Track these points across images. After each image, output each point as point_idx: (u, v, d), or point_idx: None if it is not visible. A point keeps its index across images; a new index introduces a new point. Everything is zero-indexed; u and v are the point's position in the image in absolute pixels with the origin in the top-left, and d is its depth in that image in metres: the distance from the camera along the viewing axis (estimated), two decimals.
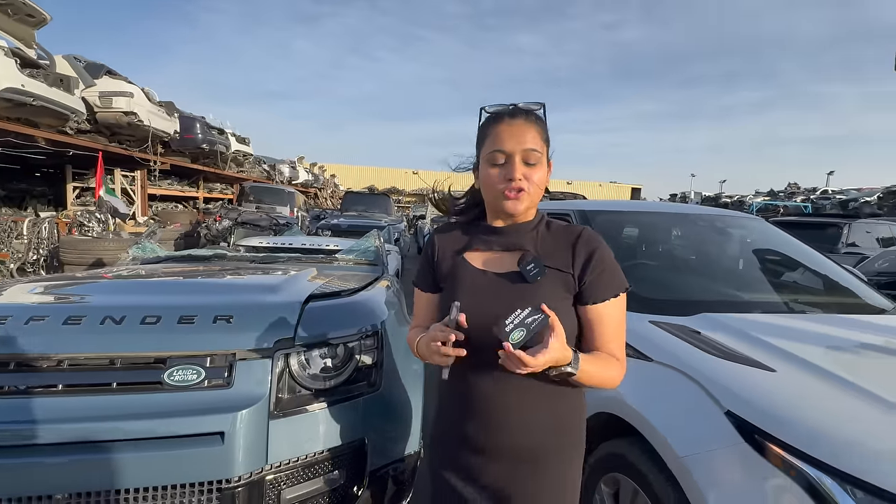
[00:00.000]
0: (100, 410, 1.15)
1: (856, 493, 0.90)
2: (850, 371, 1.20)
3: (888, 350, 1.47)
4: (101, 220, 5.58)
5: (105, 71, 7.68)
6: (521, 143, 0.87)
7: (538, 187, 0.90)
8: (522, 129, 0.88)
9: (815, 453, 0.95)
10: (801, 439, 0.98)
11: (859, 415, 1.04)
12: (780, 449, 1.00)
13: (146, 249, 2.63)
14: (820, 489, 0.93)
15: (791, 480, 0.97)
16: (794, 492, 0.96)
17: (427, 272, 1.01)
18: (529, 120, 0.90)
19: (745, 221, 2.53)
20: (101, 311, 1.31)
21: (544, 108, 0.94)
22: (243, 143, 13.77)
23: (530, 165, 0.88)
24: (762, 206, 15.88)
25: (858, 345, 1.49)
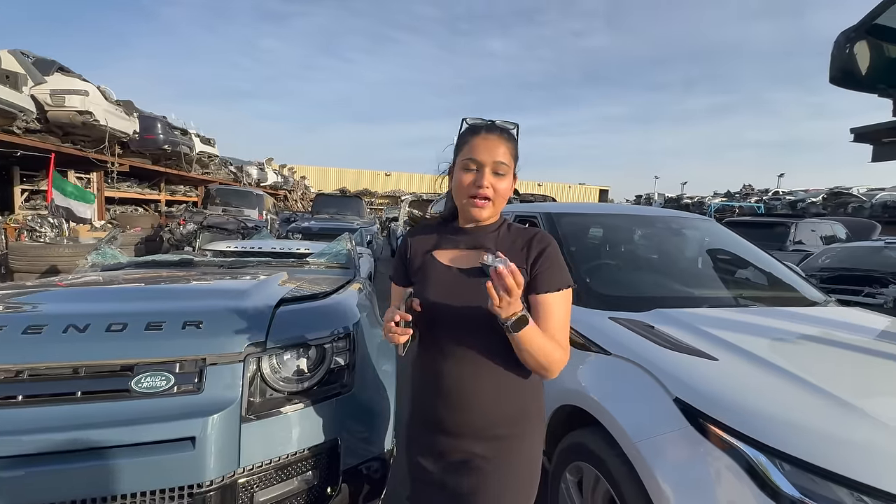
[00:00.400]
0: (64, 420, 1.13)
1: (784, 466, 1.01)
2: (785, 358, 1.33)
3: (818, 339, 1.62)
4: (54, 224, 5.27)
5: (56, 67, 7.28)
6: (493, 155, 0.98)
7: (502, 197, 1.02)
8: (496, 144, 0.99)
9: (750, 433, 1.06)
10: (737, 420, 1.09)
11: (789, 398, 1.15)
12: (720, 430, 1.10)
13: (106, 255, 2.54)
14: (754, 465, 1.03)
15: (730, 458, 1.07)
16: (733, 469, 1.06)
17: (400, 268, 1.13)
18: (503, 137, 1.01)
19: (697, 223, 2.70)
20: (63, 319, 1.28)
21: (517, 129, 1.07)
22: (208, 144, 13.33)
23: (499, 176, 1.00)
24: (720, 206, 16.75)
25: (793, 335, 1.64)
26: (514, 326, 0.88)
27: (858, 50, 3.11)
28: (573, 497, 1.54)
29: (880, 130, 2.92)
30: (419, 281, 1.06)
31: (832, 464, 0.96)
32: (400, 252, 1.16)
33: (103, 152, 8.03)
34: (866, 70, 3.10)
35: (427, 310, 1.01)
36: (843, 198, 15.39)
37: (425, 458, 1.06)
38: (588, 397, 1.47)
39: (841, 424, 1.05)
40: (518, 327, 0.88)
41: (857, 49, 3.11)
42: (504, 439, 1.01)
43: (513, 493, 1.02)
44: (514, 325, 0.88)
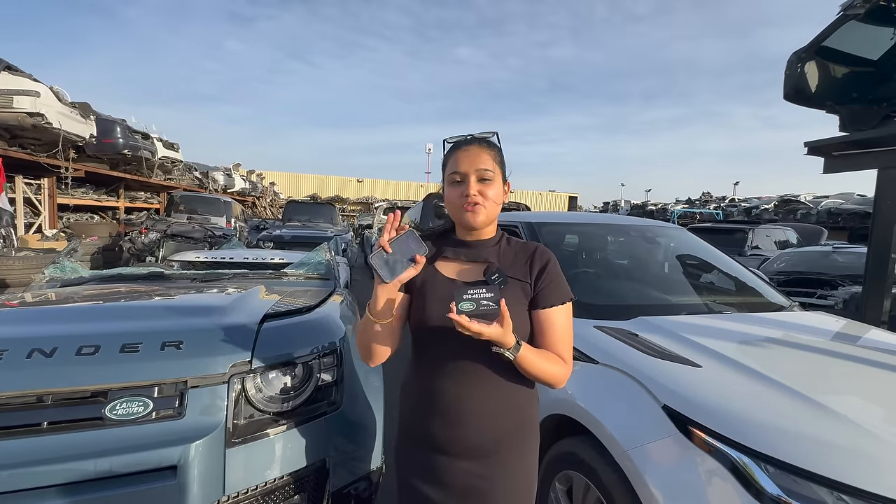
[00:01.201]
0: (29, 455, 1.04)
1: (768, 468, 1.05)
2: (762, 364, 1.40)
3: (790, 343, 1.72)
4: (2, 234, 4.88)
5: (3, 66, 6.79)
6: (474, 164, 1.00)
7: (494, 202, 1.02)
8: (476, 153, 1.01)
9: (735, 436, 1.10)
10: (723, 425, 1.13)
11: (770, 402, 1.21)
12: (707, 435, 1.14)
13: (66, 269, 2.37)
14: (740, 467, 1.07)
15: (717, 462, 1.11)
16: (720, 472, 1.09)
17: None
18: (482, 145, 1.03)
19: (669, 231, 2.81)
20: (26, 342, 1.18)
21: (497, 136, 1.08)
22: (171, 149, 12.77)
23: (485, 182, 1.01)
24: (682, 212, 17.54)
25: (767, 339, 1.72)
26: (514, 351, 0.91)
27: (808, 69, 3.35)
28: None
29: (831, 145, 3.15)
30: (420, 293, 1.04)
31: (812, 464, 1.01)
32: None
33: (56, 157, 7.54)
34: (815, 88, 3.35)
35: (427, 324, 1.00)
36: (793, 205, 16.45)
37: (419, 478, 1.03)
38: (577, 406, 1.48)
39: (819, 426, 1.11)
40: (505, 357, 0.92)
41: (808, 68, 3.35)
42: (502, 456, 1.00)
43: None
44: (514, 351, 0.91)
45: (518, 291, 1.01)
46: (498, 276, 0.99)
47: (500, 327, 0.87)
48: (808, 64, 3.36)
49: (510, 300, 0.97)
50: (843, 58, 3.26)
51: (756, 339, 1.70)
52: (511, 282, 1.01)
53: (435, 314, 0.99)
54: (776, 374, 1.31)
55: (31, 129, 6.91)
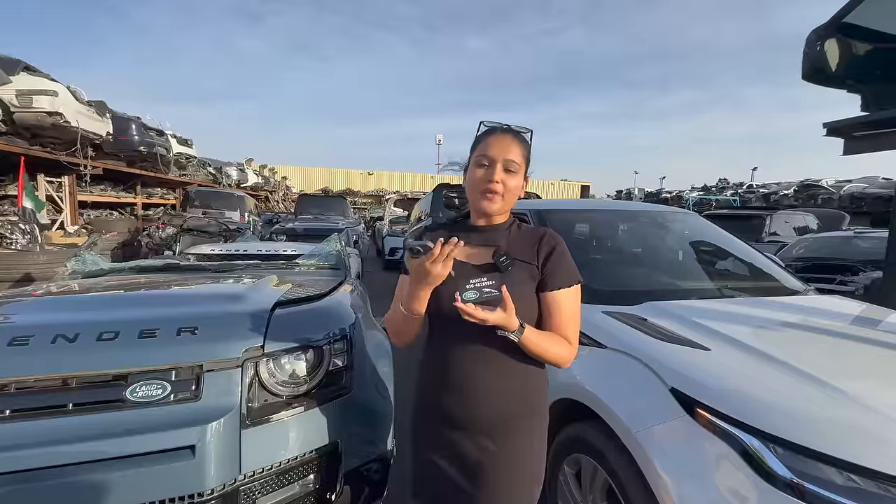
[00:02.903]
0: (56, 434, 1.09)
1: (777, 450, 1.05)
2: (773, 346, 1.38)
3: (802, 327, 1.69)
4: (26, 230, 5.05)
5: (22, 67, 6.95)
6: (504, 153, 1.03)
7: (512, 194, 1.06)
8: (508, 143, 1.05)
9: (744, 419, 1.10)
10: (731, 408, 1.13)
11: (779, 384, 1.20)
12: (716, 417, 1.14)
13: (87, 262, 2.45)
14: (749, 450, 1.07)
15: (726, 444, 1.10)
16: (729, 454, 1.09)
17: None
18: (516, 138, 1.07)
19: (681, 216, 2.77)
20: (50, 329, 1.23)
21: (531, 134, 1.12)
22: (185, 145, 12.98)
23: (510, 173, 1.04)
24: (698, 200, 17.17)
25: (779, 323, 1.70)
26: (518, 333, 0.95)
27: (829, 47, 3.23)
28: (571, 488, 1.57)
29: (852, 125, 3.05)
30: None
31: (822, 445, 1.01)
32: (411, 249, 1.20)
33: (75, 155, 7.72)
34: (836, 66, 3.23)
35: (440, 304, 1.03)
36: (814, 190, 15.97)
37: (435, 453, 1.08)
38: (585, 390, 1.49)
39: (829, 408, 1.10)
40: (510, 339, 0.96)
41: (828, 46, 3.24)
42: (511, 434, 1.04)
43: (521, 488, 1.05)
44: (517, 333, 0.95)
45: (525, 274, 1.04)
46: (506, 258, 1.03)
47: (503, 312, 0.91)
48: (829, 42, 3.24)
49: (517, 283, 1.01)
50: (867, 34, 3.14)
51: (768, 322, 1.68)
52: (519, 264, 1.04)
53: (448, 297, 1.02)
54: (787, 357, 1.29)
55: (51, 128, 7.08)
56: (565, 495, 1.59)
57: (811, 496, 0.97)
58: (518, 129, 1.10)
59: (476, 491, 1.02)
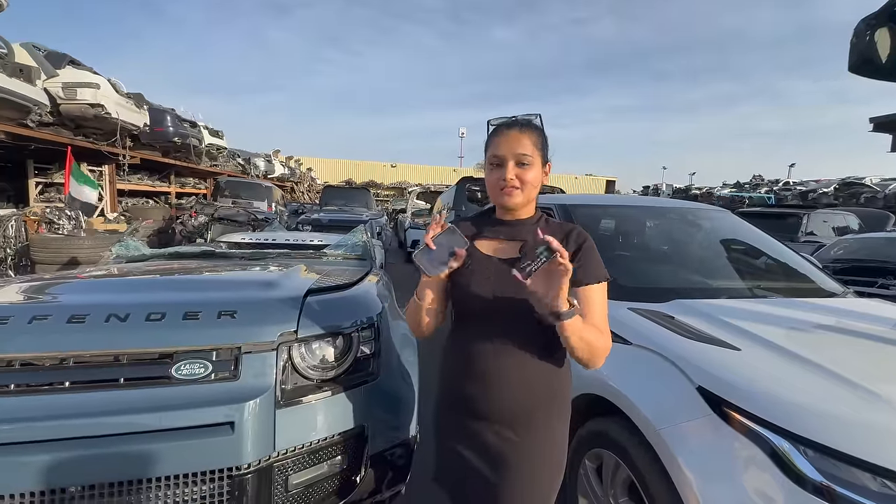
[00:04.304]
0: (109, 406, 1.18)
1: (808, 452, 1.03)
2: (807, 348, 1.35)
3: (838, 329, 1.64)
4: (72, 217, 5.36)
5: (68, 61, 7.30)
6: (513, 149, 1.03)
7: (531, 185, 1.05)
8: (516, 138, 1.04)
9: (774, 419, 1.08)
10: (761, 408, 1.11)
11: (812, 386, 1.17)
12: (744, 417, 1.13)
13: (129, 247, 2.59)
14: (779, 451, 1.06)
15: (754, 445, 1.09)
16: (757, 455, 1.08)
17: None
18: (523, 130, 1.05)
19: (712, 213, 2.70)
20: (104, 308, 1.33)
21: (540, 118, 1.10)
22: (217, 137, 13.35)
23: (523, 166, 1.03)
24: (730, 197, 16.55)
25: (814, 325, 1.65)
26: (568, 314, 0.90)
27: (879, 37, 3.05)
28: (592, 483, 1.58)
29: None
30: (459, 270, 1.09)
31: (855, 449, 0.99)
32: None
33: (115, 145, 8.09)
34: (887, 58, 3.05)
35: (465, 297, 1.05)
36: (856, 188, 15.15)
37: (457, 442, 1.10)
38: (609, 386, 1.49)
39: (863, 411, 1.07)
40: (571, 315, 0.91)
41: (878, 36, 3.06)
42: (532, 426, 1.05)
43: (541, 478, 1.07)
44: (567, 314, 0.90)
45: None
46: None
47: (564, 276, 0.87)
48: (880, 31, 3.06)
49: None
50: None
51: (802, 324, 1.64)
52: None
53: (473, 289, 1.05)
54: (821, 359, 1.26)
55: (93, 119, 7.43)
56: (586, 489, 1.60)
57: (842, 500, 0.96)
58: (525, 118, 1.09)
59: (497, 480, 1.05)
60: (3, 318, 1.27)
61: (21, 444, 1.12)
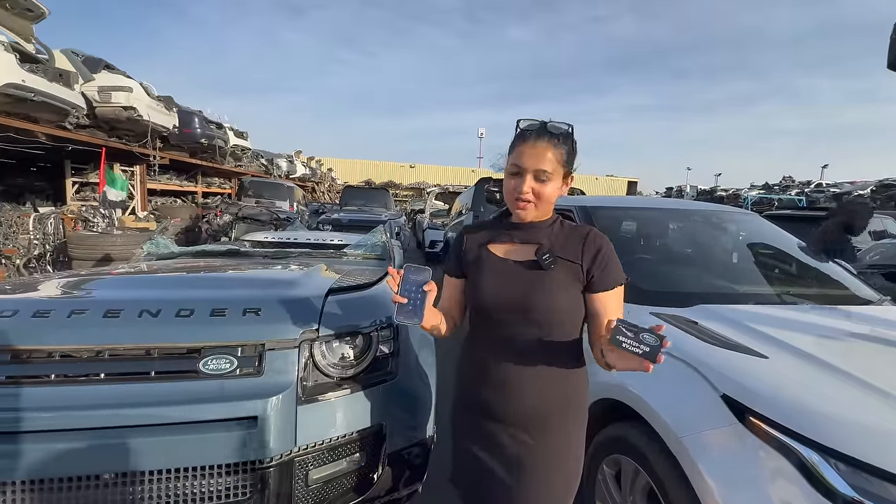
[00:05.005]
0: (141, 397, 1.23)
1: (839, 466, 1.00)
2: (839, 357, 1.30)
3: (872, 338, 1.57)
4: (105, 215, 5.60)
5: (104, 65, 7.63)
6: (535, 163, 1.00)
7: (546, 200, 1.03)
8: (541, 151, 1.00)
9: (803, 431, 1.05)
10: (789, 418, 1.08)
11: (845, 396, 1.13)
12: (771, 428, 1.09)
13: (160, 245, 2.70)
14: (808, 464, 1.02)
15: (782, 456, 1.06)
16: (785, 467, 1.05)
17: (454, 261, 1.19)
18: (551, 142, 1.01)
19: (740, 216, 2.62)
20: (137, 304, 1.39)
21: (572, 129, 1.05)
22: (241, 138, 13.70)
23: (541, 182, 1.01)
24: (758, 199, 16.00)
25: (847, 334, 1.59)
26: None
27: None
28: (611, 489, 1.56)
29: None
30: (473, 272, 1.11)
31: (891, 464, 0.95)
32: (455, 246, 1.22)
33: (146, 146, 8.40)
34: None
35: (480, 299, 1.06)
36: (895, 190, 14.45)
37: (473, 443, 1.11)
38: (628, 391, 1.47)
39: None
40: None
41: None
42: (548, 431, 1.04)
43: (556, 482, 1.06)
44: None
45: (568, 273, 1.03)
46: (548, 256, 1.02)
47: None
48: None
49: (560, 282, 1.02)
50: None
51: (834, 332, 1.57)
52: (561, 263, 1.03)
53: (487, 291, 1.06)
54: (854, 369, 1.22)
55: (126, 121, 7.74)
56: (604, 495, 1.58)
57: None
58: (554, 128, 1.02)
59: (512, 483, 1.04)
60: (45, 311, 1.34)
61: (59, 431, 1.18)
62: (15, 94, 5.41)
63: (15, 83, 5.36)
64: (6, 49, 5.33)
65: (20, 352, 1.27)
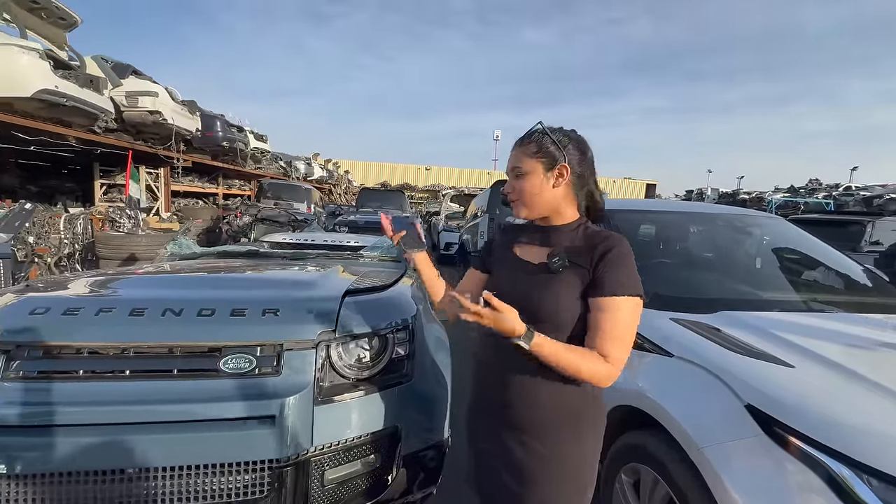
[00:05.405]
0: (164, 394, 1.27)
1: (872, 481, 0.96)
2: (872, 368, 1.25)
3: None
4: (131, 216, 5.78)
5: (131, 71, 7.89)
6: (510, 164, 1.10)
7: (529, 193, 1.06)
8: (513, 155, 1.09)
9: (833, 444, 1.01)
10: (819, 431, 1.04)
11: (875, 408, 1.09)
12: (799, 439, 1.06)
13: (182, 245, 2.77)
14: (838, 479, 0.98)
15: (810, 470, 1.02)
16: (813, 482, 1.01)
17: (483, 255, 1.26)
18: (520, 145, 1.08)
19: (764, 220, 2.55)
20: (160, 303, 1.43)
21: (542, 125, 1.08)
22: (261, 140, 13.97)
23: (518, 178, 1.07)
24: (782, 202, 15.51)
25: (878, 343, 1.52)
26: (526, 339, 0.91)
27: None
28: (628, 497, 1.53)
29: None
30: (494, 270, 1.16)
31: None
32: (487, 242, 1.28)
33: (170, 149, 8.65)
34: None
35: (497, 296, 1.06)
36: None
37: (486, 447, 1.11)
38: (648, 398, 1.44)
39: None
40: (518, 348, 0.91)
41: None
42: (564, 438, 1.02)
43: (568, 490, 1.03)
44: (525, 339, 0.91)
45: (576, 279, 1.00)
46: (558, 260, 1.02)
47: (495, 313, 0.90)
48: None
49: (568, 286, 0.99)
50: None
51: (865, 341, 1.51)
52: (572, 268, 1.01)
53: (500, 290, 1.04)
54: (886, 380, 1.17)
55: (152, 125, 7.98)
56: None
57: None
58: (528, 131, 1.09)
59: (522, 490, 1.03)
60: (75, 309, 1.39)
61: (86, 426, 1.21)
62: (49, 99, 5.64)
63: (49, 89, 5.58)
64: (41, 56, 5.55)
65: (51, 347, 1.31)
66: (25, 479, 1.17)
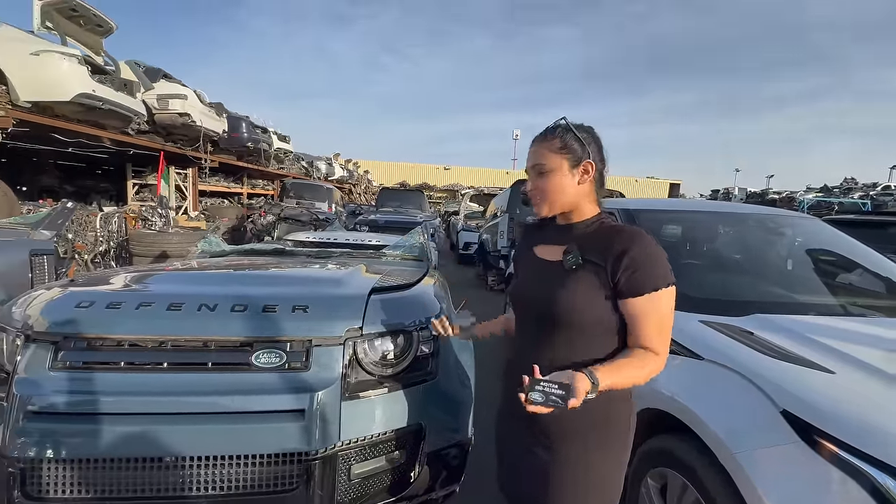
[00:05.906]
0: (199, 387, 1.31)
1: None
2: None
3: None
4: (163, 215, 6.00)
5: (162, 75, 8.19)
6: (530, 161, 1.08)
7: (549, 192, 1.05)
8: (534, 150, 1.07)
9: (875, 452, 0.97)
10: (860, 439, 1.00)
11: None
12: (839, 448, 1.02)
13: (212, 243, 2.87)
14: (881, 489, 0.95)
15: (851, 479, 0.99)
16: (853, 490, 0.97)
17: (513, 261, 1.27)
18: (541, 141, 1.06)
19: (798, 221, 2.46)
20: (196, 299, 1.48)
21: (566, 120, 1.06)
22: (284, 141, 14.26)
23: (540, 176, 1.05)
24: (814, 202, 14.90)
25: None
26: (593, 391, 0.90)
27: None
28: (655, 503, 1.50)
29: None
30: (517, 272, 1.17)
31: None
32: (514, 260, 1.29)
33: (198, 150, 8.93)
34: None
35: (512, 296, 1.09)
36: None
37: (512, 450, 1.11)
38: (677, 402, 1.41)
39: None
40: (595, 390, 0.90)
41: None
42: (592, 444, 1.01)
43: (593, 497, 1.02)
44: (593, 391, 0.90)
45: (592, 277, 0.98)
46: (571, 257, 1.01)
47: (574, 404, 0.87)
48: None
49: (583, 283, 0.97)
50: None
51: None
52: (587, 266, 0.98)
53: (517, 289, 1.10)
54: None
55: (181, 126, 8.26)
56: None
57: None
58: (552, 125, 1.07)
59: (548, 496, 1.02)
60: (117, 303, 1.45)
61: (126, 415, 1.27)
62: (86, 102, 5.91)
63: (87, 93, 5.84)
64: (79, 62, 5.82)
65: (95, 339, 1.38)
66: (69, 463, 1.23)
